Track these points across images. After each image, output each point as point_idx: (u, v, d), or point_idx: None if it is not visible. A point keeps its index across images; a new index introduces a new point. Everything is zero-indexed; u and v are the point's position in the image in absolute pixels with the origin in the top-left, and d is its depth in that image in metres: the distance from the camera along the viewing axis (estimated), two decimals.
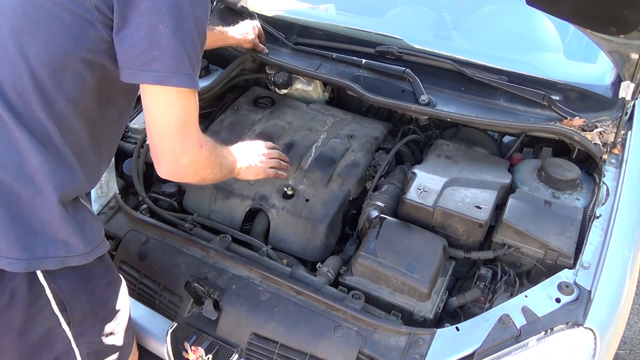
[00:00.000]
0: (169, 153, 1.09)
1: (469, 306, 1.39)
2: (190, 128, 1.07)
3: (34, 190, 0.99)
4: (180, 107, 1.03)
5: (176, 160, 1.10)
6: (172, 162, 1.10)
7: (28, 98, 0.97)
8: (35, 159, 0.98)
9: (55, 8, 0.94)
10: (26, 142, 0.97)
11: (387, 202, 1.57)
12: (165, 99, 1.01)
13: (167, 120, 1.04)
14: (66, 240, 1.03)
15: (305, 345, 1.24)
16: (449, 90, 1.80)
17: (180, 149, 1.08)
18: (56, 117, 1.01)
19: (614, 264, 1.26)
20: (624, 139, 1.61)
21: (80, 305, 1.10)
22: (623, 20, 1.30)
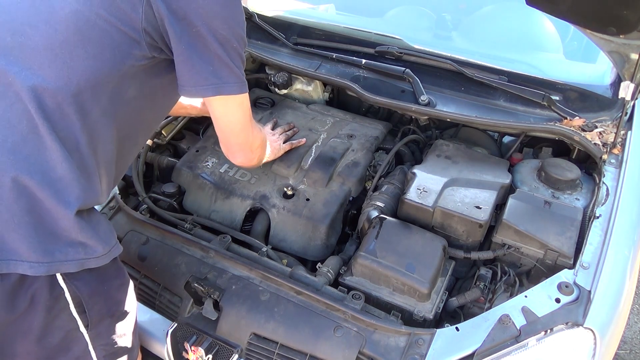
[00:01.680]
0: (245, 144, 1.32)
1: (468, 306, 1.39)
2: (252, 120, 1.30)
3: (57, 197, 1.00)
4: (242, 108, 1.21)
5: (250, 148, 1.34)
6: (247, 150, 1.34)
7: (66, 108, 1.01)
8: (61, 168, 1.01)
9: (107, 26, 1.01)
10: (56, 151, 1.00)
11: (387, 202, 1.57)
12: (227, 108, 1.20)
13: (236, 120, 1.23)
14: (85, 242, 1.05)
15: (305, 346, 1.24)
16: (449, 90, 1.80)
17: (251, 138, 1.32)
18: (89, 129, 1.05)
19: (614, 264, 1.26)
20: (624, 139, 1.61)
21: (98, 307, 1.12)
22: (623, 20, 1.30)
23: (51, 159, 1.00)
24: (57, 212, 1.01)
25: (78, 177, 1.03)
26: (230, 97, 1.16)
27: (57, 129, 1.00)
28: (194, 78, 1.09)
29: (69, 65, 1.00)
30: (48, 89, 0.99)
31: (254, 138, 1.34)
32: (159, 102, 1.23)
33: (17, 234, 0.98)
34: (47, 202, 1.00)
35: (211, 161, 1.73)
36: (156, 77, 1.13)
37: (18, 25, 1.00)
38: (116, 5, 1.01)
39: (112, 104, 1.08)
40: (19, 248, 0.98)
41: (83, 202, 1.04)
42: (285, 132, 1.76)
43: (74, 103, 1.01)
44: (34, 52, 0.99)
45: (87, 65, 1.02)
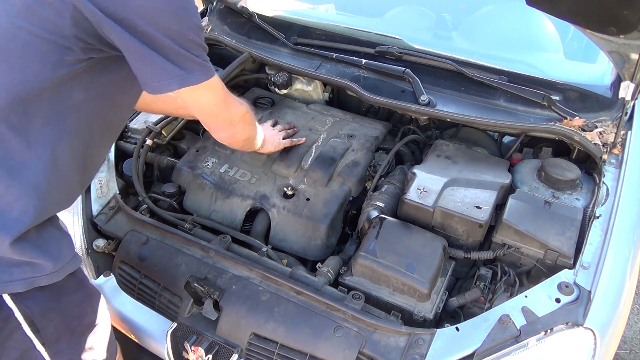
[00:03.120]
0: (224, 121, 1.32)
1: (468, 306, 1.39)
2: (227, 98, 1.26)
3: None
4: (212, 91, 1.18)
5: (230, 123, 1.33)
6: (227, 125, 1.34)
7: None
8: (1, 188, 0.99)
9: (30, 37, 0.95)
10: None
11: (387, 202, 1.57)
12: (196, 95, 1.16)
13: (209, 103, 1.22)
14: (32, 261, 1.03)
15: (305, 346, 1.24)
16: (449, 90, 1.80)
17: (230, 114, 1.31)
18: (33, 142, 1.01)
19: (614, 264, 1.26)
20: (624, 139, 1.61)
21: (53, 324, 1.10)
22: (623, 20, 1.29)
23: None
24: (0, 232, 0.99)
25: (21, 197, 1.01)
26: (198, 86, 1.10)
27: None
28: (157, 74, 1.04)
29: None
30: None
31: (232, 114, 1.32)
32: (117, 99, 1.16)
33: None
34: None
35: (211, 161, 1.73)
36: (103, 75, 1.07)
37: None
38: (38, 14, 0.94)
39: (57, 112, 1.03)
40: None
41: (29, 219, 1.02)
42: (285, 129, 1.78)
43: (5, 120, 0.97)
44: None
45: (12, 79, 0.97)
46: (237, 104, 1.33)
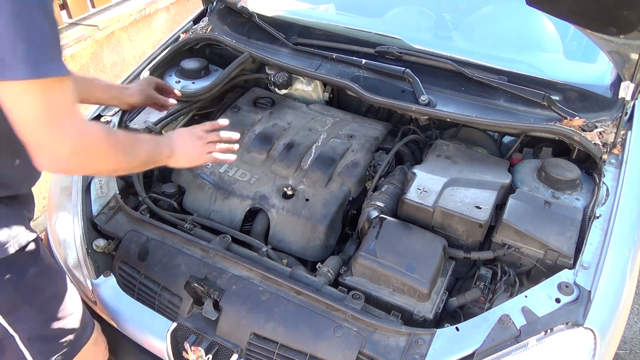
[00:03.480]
0: (42, 147, 0.95)
1: (469, 306, 1.39)
2: (61, 117, 0.94)
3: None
4: (40, 98, 0.90)
5: (52, 152, 0.96)
6: (47, 155, 0.97)
7: None
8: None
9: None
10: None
11: (387, 202, 1.57)
12: (18, 94, 0.89)
13: (29, 114, 0.91)
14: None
15: (305, 346, 1.24)
16: (449, 90, 1.80)
17: (53, 141, 0.95)
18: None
19: (614, 264, 1.26)
20: (624, 139, 1.61)
21: (6, 295, 1.14)
22: (623, 21, 1.29)
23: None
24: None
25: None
26: (14, 84, 0.87)
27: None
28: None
29: None
30: None
31: (66, 138, 0.95)
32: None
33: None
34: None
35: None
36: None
37: None
38: None
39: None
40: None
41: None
42: (221, 141, 1.39)
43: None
44: None
45: None
46: (76, 134, 0.97)
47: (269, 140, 1.76)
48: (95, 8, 3.05)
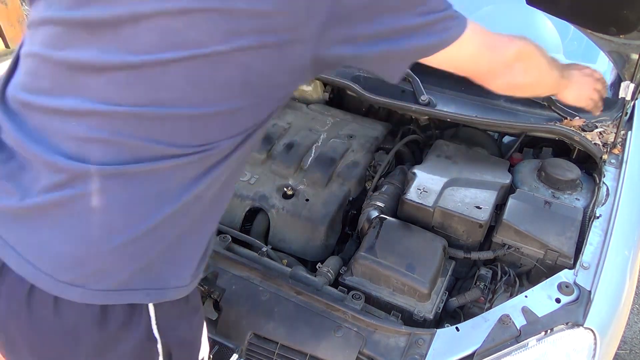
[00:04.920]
0: (496, 68, 1.07)
1: (469, 306, 1.39)
2: (490, 41, 1.03)
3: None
4: (467, 45, 0.97)
5: (505, 67, 1.07)
6: (502, 72, 1.08)
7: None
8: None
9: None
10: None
11: (387, 202, 1.57)
12: (448, 55, 0.96)
13: (474, 57, 1.01)
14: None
15: (305, 346, 1.24)
16: (449, 90, 1.80)
17: (500, 58, 1.05)
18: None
19: (614, 264, 1.26)
20: (624, 139, 1.61)
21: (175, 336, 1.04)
22: (623, 21, 1.29)
23: None
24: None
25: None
26: (455, 44, 0.93)
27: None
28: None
29: None
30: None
31: (502, 57, 1.05)
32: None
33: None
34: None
35: None
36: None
37: None
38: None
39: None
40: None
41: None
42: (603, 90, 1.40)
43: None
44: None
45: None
46: (503, 42, 1.06)
47: (269, 140, 1.76)
48: None
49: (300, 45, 0.81)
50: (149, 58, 0.79)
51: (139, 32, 0.79)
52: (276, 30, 0.78)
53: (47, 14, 0.87)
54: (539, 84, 1.19)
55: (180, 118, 0.82)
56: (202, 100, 0.82)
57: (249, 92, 0.84)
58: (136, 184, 0.83)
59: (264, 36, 0.78)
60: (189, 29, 0.77)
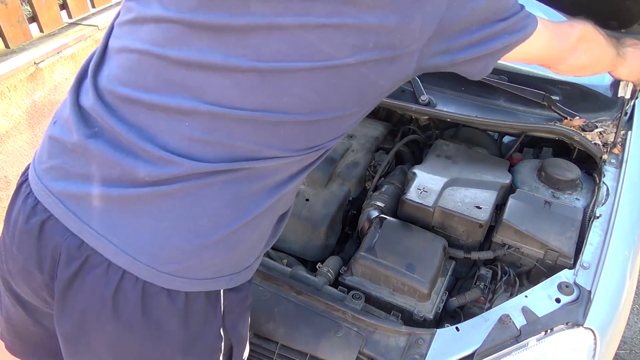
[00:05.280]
0: (563, 54, 1.12)
1: (469, 306, 1.39)
2: (556, 30, 1.08)
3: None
4: (539, 39, 1.02)
5: (570, 51, 1.13)
6: (567, 56, 1.13)
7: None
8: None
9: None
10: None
11: (387, 202, 1.57)
12: (527, 48, 1.00)
13: (545, 47, 1.06)
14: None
15: (306, 346, 1.24)
16: (449, 90, 1.80)
17: (566, 44, 1.11)
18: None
19: (614, 264, 1.26)
20: (624, 139, 1.61)
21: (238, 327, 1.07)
22: (625, 13, 1.28)
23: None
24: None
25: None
26: (529, 40, 0.98)
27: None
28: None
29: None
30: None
31: (568, 42, 1.11)
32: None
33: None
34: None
35: None
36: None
37: None
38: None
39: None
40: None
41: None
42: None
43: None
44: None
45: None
46: (566, 29, 1.12)
47: None
48: (95, 8, 3.05)
49: (409, 58, 0.87)
50: (278, 65, 0.82)
51: (271, 41, 0.81)
52: (394, 45, 0.84)
53: (162, 13, 0.87)
54: (598, 62, 1.23)
55: (297, 124, 0.87)
56: (320, 107, 0.87)
57: (361, 99, 0.91)
58: (244, 180, 0.87)
59: (384, 50, 0.84)
60: (322, 42, 0.81)
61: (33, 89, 2.50)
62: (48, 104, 2.62)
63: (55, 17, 2.74)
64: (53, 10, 2.71)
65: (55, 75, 2.64)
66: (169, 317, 0.89)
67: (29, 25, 2.57)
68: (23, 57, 2.43)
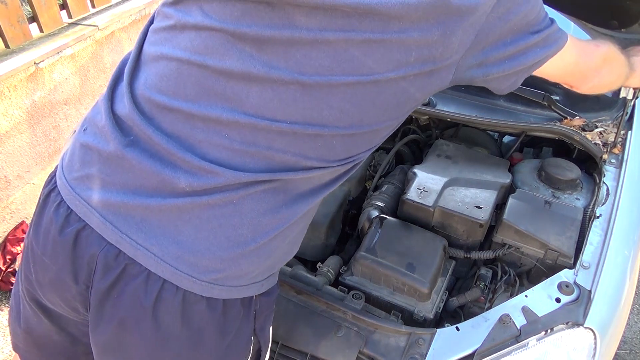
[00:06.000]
0: (588, 73, 1.11)
1: (469, 306, 1.39)
2: (583, 47, 1.08)
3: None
4: (567, 54, 1.01)
5: (595, 71, 1.12)
6: (593, 76, 1.12)
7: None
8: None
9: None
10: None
11: (387, 202, 1.57)
12: (555, 63, 1.00)
13: (571, 64, 1.05)
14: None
15: (306, 345, 1.24)
16: (449, 90, 1.80)
17: (592, 63, 1.10)
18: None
19: (614, 264, 1.26)
20: (624, 138, 1.61)
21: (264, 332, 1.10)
22: (625, 12, 1.28)
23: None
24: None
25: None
26: (559, 54, 0.98)
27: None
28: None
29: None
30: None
31: (594, 62, 1.10)
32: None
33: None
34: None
35: None
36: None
37: None
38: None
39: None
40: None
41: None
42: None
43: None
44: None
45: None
46: (592, 48, 1.11)
47: None
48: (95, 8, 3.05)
49: (447, 71, 0.87)
50: (320, 79, 0.82)
51: (314, 54, 0.81)
52: (435, 58, 0.84)
53: (203, 20, 0.86)
54: (617, 80, 1.25)
55: (335, 137, 0.87)
56: (359, 121, 0.87)
57: (398, 112, 0.92)
58: (281, 190, 0.88)
59: (425, 64, 0.84)
60: (365, 57, 0.81)
61: (33, 89, 2.50)
62: (48, 104, 2.62)
63: (55, 17, 2.74)
64: (53, 10, 2.71)
65: (55, 75, 2.64)
66: (208, 324, 0.89)
67: (29, 25, 2.57)
68: (23, 57, 2.43)
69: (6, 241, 2.40)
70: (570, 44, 1.00)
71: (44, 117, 2.61)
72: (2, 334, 2.20)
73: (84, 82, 2.86)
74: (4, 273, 2.31)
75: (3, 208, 2.44)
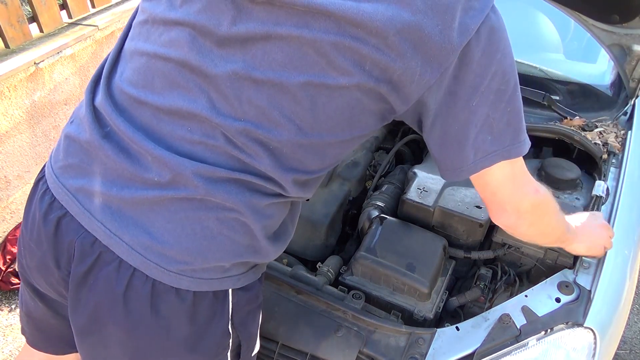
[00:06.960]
0: (506, 204, 1.00)
1: (469, 306, 1.39)
2: (521, 178, 1.01)
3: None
4: (510, 168, 0.97)
5: (515, 209, 1.00)
6: (510, 211, 1.01)
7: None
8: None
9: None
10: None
11: (387, 202, 1.57)
12: (499, 167, 0.95)
13: (500, 182, 0.98)
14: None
15: (306, 345, 1.24)
16: None
17: (517, 199, 1.00)
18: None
19: (614, 264, 1.26)
20: (624, 138, 1.61)
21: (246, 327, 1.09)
22: (626, 6, 1.28)
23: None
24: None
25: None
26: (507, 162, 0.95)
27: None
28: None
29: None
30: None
31: (518, 198, 1.00)
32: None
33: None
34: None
35: None
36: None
37: None
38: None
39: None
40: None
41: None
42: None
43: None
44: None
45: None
46: (531, 188, 1.02)
47: None
48: (95, 8, 3.05)
49: (403, 101, 0.87)
50: (273, 75, 0.82)
51: (268, 48, 0.82)
52: (392, 79, 0.83)
53: (170, 15, 0.89)
54: (538, 239, 1.16)
55: (285, 144, 0.87)
56: (309, 127, 0.87)
57: (351, 125, 0.90)
58: (245, 188, 0.88)
59: (380, 80, 0.83)
60: (318, 56, 0.81)
61: (33, 89, 2.50)
62: (48, 104, 2.62)
63: (55, 17, 2.74)
64: (53, 10, 2.71)
65: (55, 75, 2.64)
66: (177, 314, 0.90)
67: (29, 25, 2.57)
68: (23, 57, 2.43)
69: (6, 241, 2.40)
70: (517, 161, 0.96)
71: (44, 117, 2.61)
72: (2, 334, 2.20)
73: (84, 82, 2.87)
74: (4, 273, 2.31)
75: (3, 208, 2.44)
